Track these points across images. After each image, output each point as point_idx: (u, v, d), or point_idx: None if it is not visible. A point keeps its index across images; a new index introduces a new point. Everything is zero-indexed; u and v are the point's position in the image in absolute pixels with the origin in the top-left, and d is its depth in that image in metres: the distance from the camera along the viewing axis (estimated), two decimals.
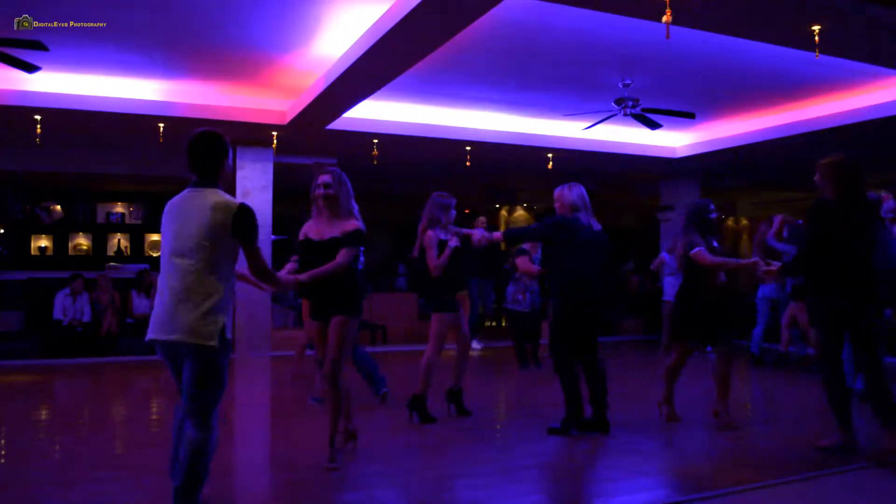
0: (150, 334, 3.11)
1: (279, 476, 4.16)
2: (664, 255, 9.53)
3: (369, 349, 10.57)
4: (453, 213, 5.36)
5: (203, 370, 3.02)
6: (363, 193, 17.86)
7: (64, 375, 8.11)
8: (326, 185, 4.14)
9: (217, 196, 3.12)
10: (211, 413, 3.07)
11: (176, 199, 3.21)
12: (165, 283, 3.10)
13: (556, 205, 5.06)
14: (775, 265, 4.71)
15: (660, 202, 12.81)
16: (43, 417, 5.95)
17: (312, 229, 4.22)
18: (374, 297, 12.39)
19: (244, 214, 3.09)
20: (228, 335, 3.08)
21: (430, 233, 5.23)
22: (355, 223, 4.12)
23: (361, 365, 5.91)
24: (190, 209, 3.12)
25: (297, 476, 4.01)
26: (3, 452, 4.74)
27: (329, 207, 4.14)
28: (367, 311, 11.98)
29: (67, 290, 9.55)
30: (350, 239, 4.04)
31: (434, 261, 5.17)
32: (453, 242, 5.19)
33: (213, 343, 3.00)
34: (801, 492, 3.75)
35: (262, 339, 9.70)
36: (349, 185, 4.21)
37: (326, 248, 4.04)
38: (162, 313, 3.07)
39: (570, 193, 5.01)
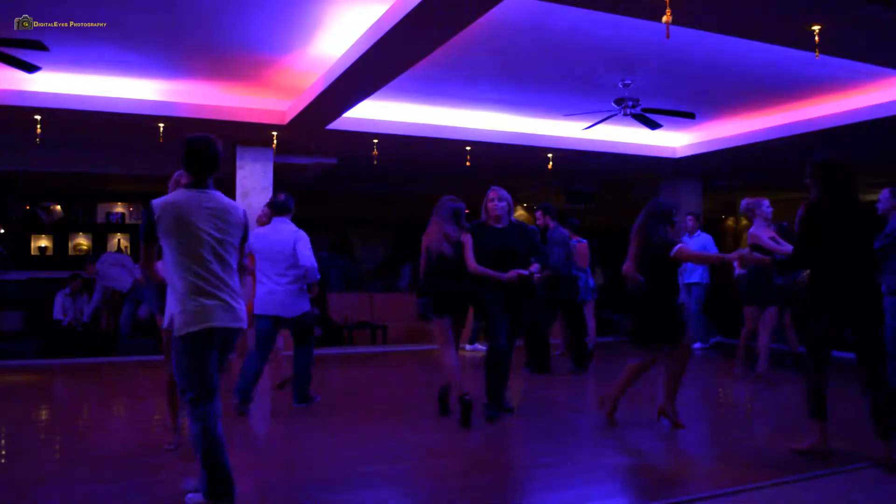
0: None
1: (278, 476, 4.16)
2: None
3: (370, 349, 10.59)
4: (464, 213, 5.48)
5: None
6: (363, 193, 17.79)
7: (64, 375, 8.11)
8: None
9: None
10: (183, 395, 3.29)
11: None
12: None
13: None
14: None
15: None
16: (43, 417, 5.95)
17: None
18: (374, 297, 12.38)
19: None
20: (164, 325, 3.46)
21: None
22: None
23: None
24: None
25: (296, 476, 4.01)
26: (3, 452, 4.74)
27: None
28: (367, 311, 12.00)
29: (67, 290, 9.56)
30: None
31: (472, 260, 5.24)
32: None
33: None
34: (800, 492, 3.75)
35: None
36: None
37: None
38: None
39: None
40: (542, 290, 7.32)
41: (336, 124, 8.53)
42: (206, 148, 3.36)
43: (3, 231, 12.92)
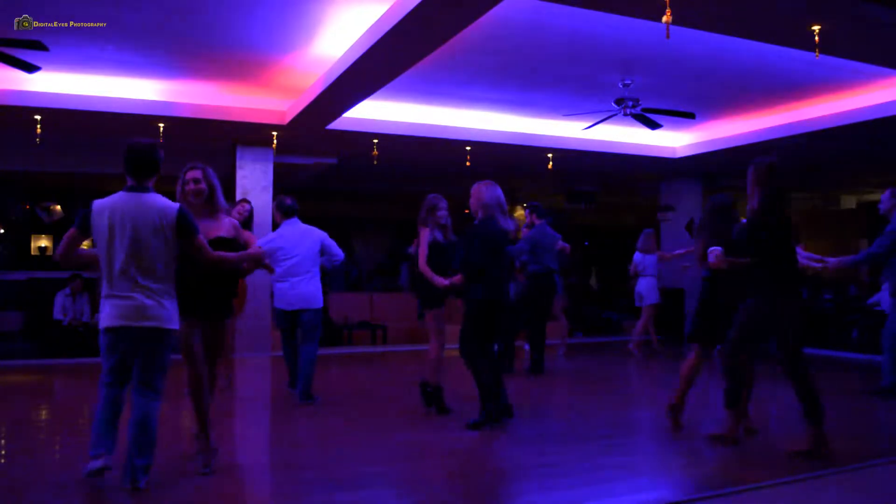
0: None
1: (279, 476, 4.17)
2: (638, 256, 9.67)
3: (370, 349, 10.59)
4: (442, 212, 5.49)
5: None
6: (363, 193, 17.77)
7: (64, 375, 8.11)
8: (196, 181, 3.98)
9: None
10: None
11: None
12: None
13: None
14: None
15: (660, 202, 12.81)
16: (43, 417, 5.95)
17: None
18: (374, 297, 12.39)
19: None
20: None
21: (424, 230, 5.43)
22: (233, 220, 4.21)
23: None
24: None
25: (297, 476, 4.01)
26: (3, 452, 4.74)
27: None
28: (367, 311, 12.00)
29: (67, 290, 9.56)
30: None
31: (423, 258, 5.36)
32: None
33: None
34: (801, 492, 3.75)
35: (262, 338, 9.69)
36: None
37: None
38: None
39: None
40: (526, 289, 7.42)
41: (336, 124, 8.53)
42: (146, 153, 3.55)
43: (3, 231, 12.92)
